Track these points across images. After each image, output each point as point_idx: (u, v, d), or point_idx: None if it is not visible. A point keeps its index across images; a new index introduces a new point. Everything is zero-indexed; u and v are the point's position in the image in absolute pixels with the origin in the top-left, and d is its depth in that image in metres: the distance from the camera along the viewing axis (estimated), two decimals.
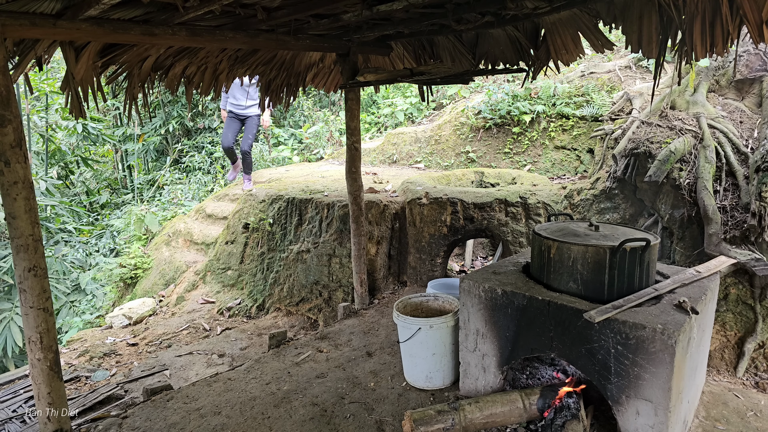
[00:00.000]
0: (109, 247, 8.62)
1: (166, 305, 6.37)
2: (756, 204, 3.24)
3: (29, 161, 2.38)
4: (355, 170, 4.23)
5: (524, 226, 4.44)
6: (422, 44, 4.09)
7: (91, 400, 3.67)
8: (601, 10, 2.99)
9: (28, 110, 8.91)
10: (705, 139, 3.85)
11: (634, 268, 2.24)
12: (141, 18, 2.65)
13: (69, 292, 7.16)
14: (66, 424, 2.50)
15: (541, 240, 2.45)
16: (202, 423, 2.68)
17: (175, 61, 3.43)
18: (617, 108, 5.08)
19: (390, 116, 10.02)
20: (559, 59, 3.43)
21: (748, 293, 3.14)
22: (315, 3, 2.70)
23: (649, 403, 2.02)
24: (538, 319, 2.31)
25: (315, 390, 2.97)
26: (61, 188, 10.52)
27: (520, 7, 2.87)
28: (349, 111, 4.12)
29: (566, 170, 6.37)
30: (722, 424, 2.44)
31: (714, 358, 3.18)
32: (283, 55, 3.99)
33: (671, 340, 1.92)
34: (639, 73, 6.73)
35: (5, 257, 6.55)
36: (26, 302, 2.34)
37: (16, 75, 2.65)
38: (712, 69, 4.53)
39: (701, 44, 2.62)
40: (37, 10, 2.33)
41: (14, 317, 6.08)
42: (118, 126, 12.02)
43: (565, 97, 6.83)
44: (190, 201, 9.75)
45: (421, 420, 2.28)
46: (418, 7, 2.93)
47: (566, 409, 2.30)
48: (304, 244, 5.36)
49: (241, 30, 3.10)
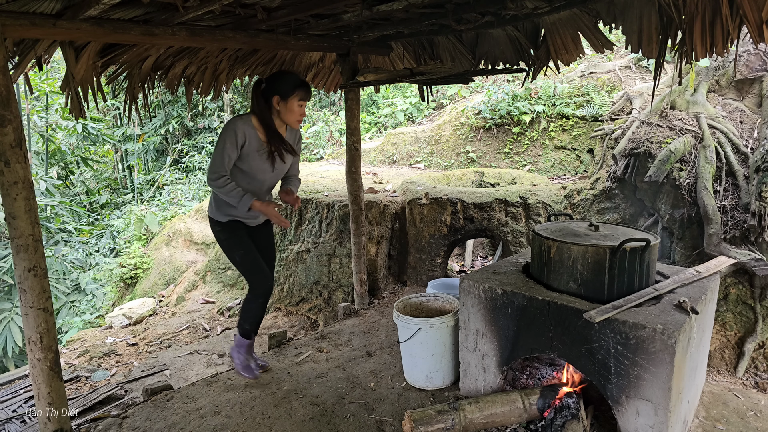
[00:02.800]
0: (109, 247, 8.62)
1: (166, 305, 6.37)
2: (756, 204, 3.24)
3: (29, 161, 2.38)
4: (355, 170, 4.23)
5: (524, 226, 4.44)
6: (422, 44, 4.09)
7: (91, 400, 3.67)
8: (601, 10, 2.99)
9: (28, 110, 8.91)
10: (705, 139, 3.85)
11: (634, 268, 2.24)
12: (141, 18, 2.66)
13: (69, 292, 7.16)
14: (66, 424, 2.50)
15: (541, 240, 2.45)
16: (202, 423, 2.68)
17: (175, 61, 3.43)
18: (617, 108, 5.08)
19: (390, 116, 10.02)
20: (559, 59, 3.43)
21: (748, 293, 3.14)
22: (315, 3, 2.70)
23: (649, 403, 2.02)
24: (538, 319, 2.31)
25: (315, 390, 2.97)
26: (61, 188, 10.52)
27: (520, 7, 2.87)
28: (349, 111, 4.12)
29: (566, 170, 6.37)
30: (722, 424, 2.44)
31: (714, 358, 3.18)
32: (283, 55, 3.99)
33: (671, 340, 1.92)
34: (639, 73, 6.73)
35: (5, 257, 6.56)
36: (26, 302, 2.34)
37: (16, 75, 2.65)
38: (712, 69, 4.53)
39: (701, 44, 2.62)
40: (37, 10, 2.33)
41: (14, 317, 6.08)
42: (118, 126, 12.02)
43: (565, 97, 6.83)
44: (190, 201, 9.75)
45: (421, 420, 2.28)
46: (418, 7, 2.93)
47: (566, 409, 2.30)
48: (304, 244, 5.36)
49: (241, 30, 3.10)
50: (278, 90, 2.69)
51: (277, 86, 2.70)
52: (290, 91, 2.69)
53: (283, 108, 2.72)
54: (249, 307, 2.99)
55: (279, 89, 2.69)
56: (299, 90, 2.70)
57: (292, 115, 2.75)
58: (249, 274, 2.94)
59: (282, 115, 2.75)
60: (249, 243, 2.90)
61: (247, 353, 3.06)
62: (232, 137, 2.64)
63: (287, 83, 2.70)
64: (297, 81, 2.71)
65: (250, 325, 3.02)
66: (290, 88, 2.69)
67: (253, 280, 2.94)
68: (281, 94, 2.69)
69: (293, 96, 2.69)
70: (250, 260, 2.91)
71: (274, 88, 2.70)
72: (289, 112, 2.73)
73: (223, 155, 2.64)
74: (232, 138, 2.64)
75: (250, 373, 3.02)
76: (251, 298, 2.96)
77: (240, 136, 2.65)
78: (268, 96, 2.71)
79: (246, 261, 2.91)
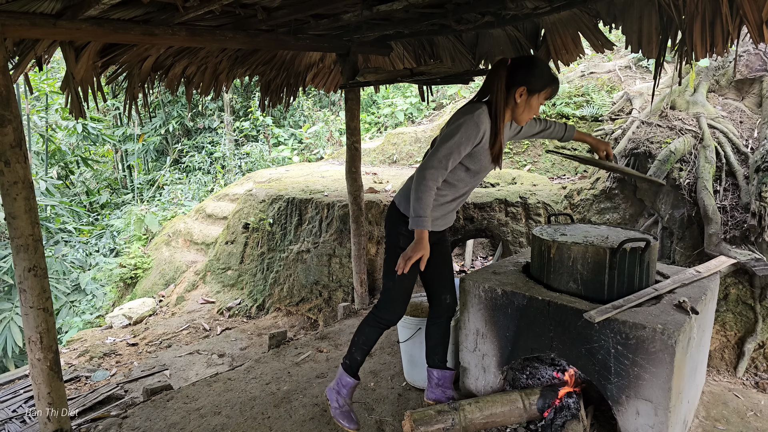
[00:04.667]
0: (109, 247, 8.62)
1: (166, 305, 6.37)
2: (756, 204, 3.24)
3: (29, 161, 2.38)
4: (355, 170, 4.23)
5: (524, 226, 4.44)
6: (422, 44, 4.09)
7: (91, 400, 3.67)
8: (601, 10, 2.99)
9: (28, 110, 8.91)
10: (705, 139, 3.85)
11: (634, 268, 2.24)
12: (141, 18, 2.66)
13: (69, 292, 7.16)
14: (66, 424, 2.50)
15: (541, 240, 2.45)
16: (202, 423, 2.68)
17: (175, 61, 3.43)
18: (617, 108, 5.08)
19: (390, 116, 10.03)
20: (559, 59, 3.43)
21: (748, 293, 3.14)
22: (315, 3, 2.70)
23: (649, 403, 2.02)
24: (538, 319, 2.31)
25: (315, 390, 2.97)
26: (61, 188, 10.53)
27: (520, 7, 2.87)
28: (349, 111, 4.12)
29: (566, 170, 6.37)
30: (722, 424, 2.44)
31: (714, 358, 3.18)
32: (283, 55, 3.99)
33: (671, 340, 1.92)
34: (639, 73, 6.73)
35: (5, 257, 6.56)
36: (26, 302, 2.34)
37: (16, 75, 2.65)
38: (712, 69, 4.53)
39: (701, 44, 2.63)
40: (37, 10, 2.33)
41: (14, 317, 6.08)
42: (118, 126, 12.02)
43: (565, 97, 6.83)
44: (190, 201, 9.76)
45: (421, 420, 2.28)
46: (418, 7, 2.93)
47: (566, 409, 2.30)
48: (304, 244, 5.36)
49: (241, 30, 3.10)
50: (528, 81, 2.15)
51: (529, 77, 2.15)
52: (543, 86, 2.17)
53: (523, 102, 2.18)
54: (365, 331, 2.44)
55: (529, 81, 2.15)
56: (551, 86, 2.20)
57: (530, 112, 2.22)
58: (391, 295, 2.40)
59: (518, 109, 2.19)
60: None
61: (349, 396, 2.50)
62: (474, 132, 2.14)
63: (541, 77, 2.16)
64: (552, 75, 2.21)
65: (362, 355, 2.47)
66: (544, 82, 2.17)
67: (387, 304, 2.41)
68: (531, 87, 2.15)
69: (543, 92, 2.19)
70: (407, 285, 2.40)
71: (524, 79, 2.14)
72: (529, 108, 2.20)
73: (459, 150, 2.13)
74: (474, 133, 2.14)
75: (350, 423, 2.45)
76: (373, 322, 2.43)
77: (481, 133, 2.16)
78: (511, 85, 2.15)
79: (401, 282, 2.36)
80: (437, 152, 2.13)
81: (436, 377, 2.58)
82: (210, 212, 7.58)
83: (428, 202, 2.11)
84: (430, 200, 2.11)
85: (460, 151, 2.14)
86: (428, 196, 2.11)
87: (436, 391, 2.57)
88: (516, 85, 2.14)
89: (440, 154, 2.13)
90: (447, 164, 2.14)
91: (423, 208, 2.10)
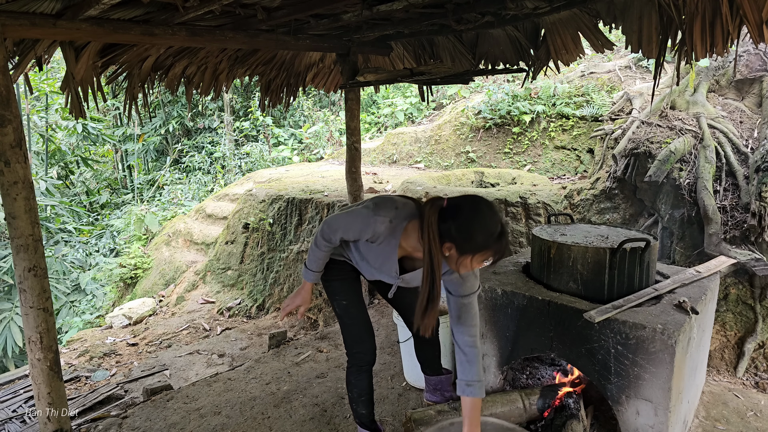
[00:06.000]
0: (109, 247, 8.63)
1: (166, 305, 6.37)
2: (756, 204, 3.24)
3: (29, 161, 2.38)
4: (355, 170, 4.23)
5: (524, 226, 4.44)
6: (422, 44, 4.09)
7: (91, 400, 3.67)
8: (601, 10, 2.99)
9: (28, 110, 8.91)
10: (705, 139, 3.85)
11: (634, 268, 2.24)
12: (141, 18, 2.65)
13: (69, 292, 7.16)
14: (66, 424, 2.50)
15: (541, 240, 2.45)
16: (202, 423, 2.68)
17: (175, 61, 3.43)
18: (617, 108, 5.08)
19: (390, 116, 10.03)
20: (559, 59, 3.43)
21: (748, 293, 3.14)
22: (315, 3, 2.70)
23: (649, 403, 2.02)
24: (538, 319, 2.31)
25: (315, 390, 2.97)
26: (61, 188, 10.53)
27: (520, 7, 2.87)
28: (349, 111, 4.12)
29: (566, 170, 6.37)
30: (722, 424, 2.44)
31: (714, 358, 3.18)
32: (283, 55, 3.99)
33: (671, 340, 1.92)
34: (639, 73, 6.73)
35: (5, 257, 6.56)
36: (26, 302, 2.34)
37: (16, 75, 2.65)
38: (712, 69, 4.53)
39: (701, 44, 2.62)
40: (37, 10, 2.33)
41: (14, 317, 6.08)
42: (118, 126, 12.03)
43: (565, 97, 6.83)
44: (190, 201, 9.76)
45: (421, 420, 2.28)
46: (418, 7, 2.93)
47: (566, 409, 2.30)
48: (304, 244, 5.36)
49: (241, 30, 3.10)
50: (455, 241, 1.71)
51: (458, 236, 1.70)
52: (474, 249, 1.72)
53: (453, 260, 1.76)
54: (353, 382, 2.27)
55: (457, 241, 1.71)
56: (490, 249, 1.72)
57: (465, 268, 1.78)
58: (351, 337, 2.26)
59: (450, 261, 1.78)
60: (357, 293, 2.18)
61: None
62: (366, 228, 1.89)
63: (472, 240, 1.70)
64: (490, 236, 1.70)
65: (366, 407, 2.28)
66: (476, 246, 1.71)
67: (352, 346, 2.26)
68: (459, 248, 1.72)
69: (479, 254, 1.73)
70: (360, 321, 2.24)
71: (451, 237, 1.72)
72: (462, 266, 1.77)
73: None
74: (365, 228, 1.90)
75: None
76: (353, 369, 2.26)
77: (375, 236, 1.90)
78: (441, 235, 1.73)
79: (351, 323, 2.23)
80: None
81: (433, 383, 2.58)
82: (210, 212, 7.58)
83: (317, 257, 2.04)
84: (319, 255, 2.04)
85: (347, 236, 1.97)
86: (317, 253, 2.04)
87: (435, 394, 2.57)
88: (444, 238, 1.73)
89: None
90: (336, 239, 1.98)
91: (310, 262, 2.07)
